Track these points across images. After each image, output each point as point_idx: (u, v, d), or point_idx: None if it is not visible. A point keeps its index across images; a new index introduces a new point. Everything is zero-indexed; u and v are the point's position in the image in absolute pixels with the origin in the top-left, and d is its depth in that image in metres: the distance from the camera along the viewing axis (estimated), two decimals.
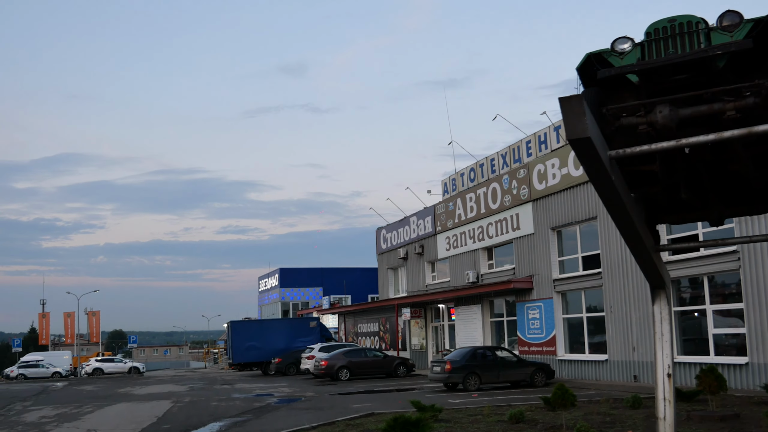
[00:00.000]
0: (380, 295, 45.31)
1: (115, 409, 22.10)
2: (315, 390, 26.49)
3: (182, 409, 20.87)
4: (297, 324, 43.42)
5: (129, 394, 29.01)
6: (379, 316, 43.09)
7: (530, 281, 28.51)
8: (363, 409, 18.17)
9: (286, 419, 16.99)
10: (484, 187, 32.44)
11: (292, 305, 67.99)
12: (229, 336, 42.06)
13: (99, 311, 70.62)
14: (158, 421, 17.88)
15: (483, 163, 33.27)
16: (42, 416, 20.40)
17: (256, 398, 23.84)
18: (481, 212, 32.69)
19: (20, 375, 53.84)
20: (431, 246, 37.84)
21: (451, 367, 23.26)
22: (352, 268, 68.56)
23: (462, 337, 33.61)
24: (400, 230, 42.05)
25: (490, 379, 23.74)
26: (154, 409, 20.96)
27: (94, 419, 19.05)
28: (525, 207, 29.24)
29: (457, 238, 34.97)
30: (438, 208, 37.09)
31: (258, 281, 77.91)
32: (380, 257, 45.48)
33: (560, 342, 26.90)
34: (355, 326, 47.42)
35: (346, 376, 31.38)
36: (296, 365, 38.42)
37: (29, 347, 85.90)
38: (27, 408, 23.85)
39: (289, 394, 25.03)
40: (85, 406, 23.46)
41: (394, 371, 32.32)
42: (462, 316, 33.85)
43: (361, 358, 32.56)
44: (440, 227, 36.73)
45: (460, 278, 34.52)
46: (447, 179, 36.69)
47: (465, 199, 34.18)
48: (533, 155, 29.29)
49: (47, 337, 73.91)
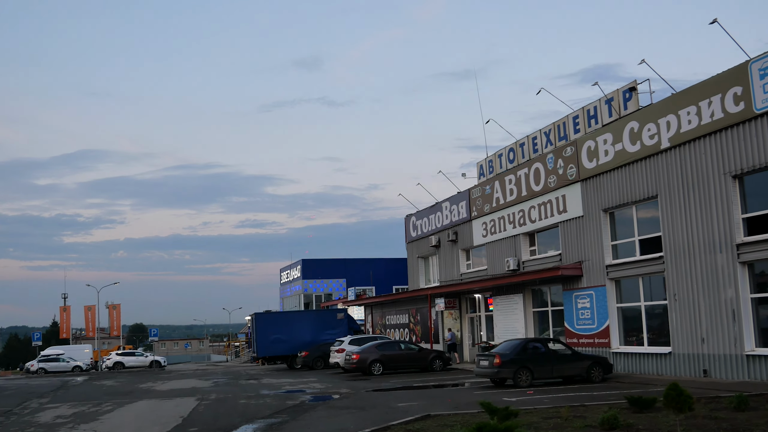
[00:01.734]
0: (410, 285, 43.33)
1: (136, 407, 20.34)
2: (349, 386, 24.62)
3: (209, 407, 19.05)
4: (324, 316, 41.53)
5: (151, 390, 27.31)
6: (409, 307, 41.14)
7: (579, 268, 26.38)
8: (411, 409, 16.23)
9: (327, 421, 15.09)
10: (526, 168, 30.32)
11: (315, 297, 66.20)
12: (254, 329, 40.28)
13: (119, 304, 69.36)
14: (183, 422, 16.05)
15: (524, 143, 31.12)
16: (57, 416, 18.67)
17: (287, 395, 21.99)
18: (522, 195, 30.57)
19: (41, 369, 52.59)
20: (466, 232, 35.78)
21: (500, 361, 21.25)
22: (376, 258, 66.66)
23: (501, 329, 31.58)
24: (432, 217, 40.00)
25: (543, 374, 21.71)
26: (178, 408, 19.16)
27: (113, 420, 17.27)
28: (573, 188, 27.09)
29: (495, 224, 32.88)
30: (473, 192, 35.00)
31: (279, 273, 76.22)
32: (410, 245, 43.47)
33: (614, 333, 24.78)
34: (383, 318, 45.51)
35: (379, 371, 29.51)
36: (324, 359, 36.67)
37: (51, 341, 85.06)
38: (43, 406, 22.18)
39: (322, 391, 23.17)
40: (105, 404, 21.74)
41: (429, 365, 30.39)
42: (501, 307, 31.80)
43: (394, 351, 30.64)
44: (476, 212, 34.64)
45: (498, 266, 32.46)
46: (483, 161, 34.56)
47: (504, 182, 32.07)
48: (581, 131, 27.12)
49: (68, 330, 72.82)
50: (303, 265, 66.46)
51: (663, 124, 22.43)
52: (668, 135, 22.19)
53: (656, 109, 22.89)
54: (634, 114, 23.95)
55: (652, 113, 23.00)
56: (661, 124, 22.52)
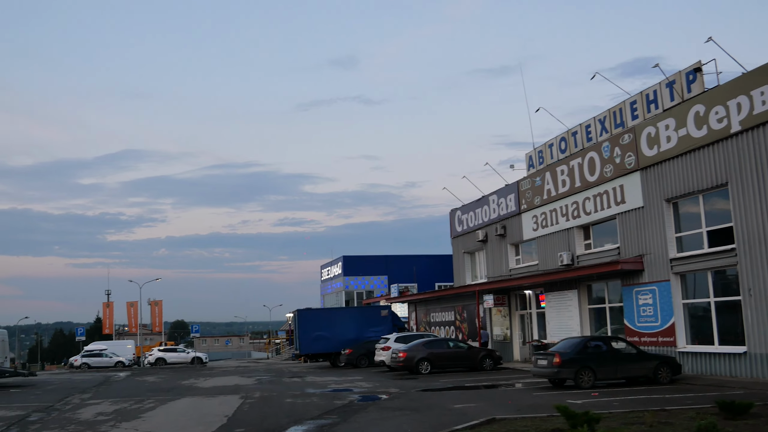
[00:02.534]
0: (455, 281, 42.09)
1: (179, 405, 19.56)
2: (397, 385, 23.57)
3: (254, 406, 18.16)
4: (368, 313, 40.51)
5: (193, 387, 26.62)
6: (455, 304, 39.93)
7: (641, 262, 24.91)
8: (469, 411, 15.11)
9: (381, 424, 14.05)
10: (579, 158, 28.89)
11: (356, 294, 65.29)
12: (296, 325, 39.46)
13: (161, 301, 69.44)
14: (229, 422, 15.16)
15: (576, 131, 29.70)
16: (99, 413, 17.97)
17: (334, 394, 21.02)
18: (575, 186, 29.16)
19: (84, 364, 52.65)
20: (515, 226, 34.44)
21: (560, 361, 19.96)
22: (418, 255, 65.48)
23: (554, 327, 30.20)
24: (478, 211, 38.72)
25: (606, 374, 20.37)
26: (222, 406, 18.31)
27: (156, 418, 16.47)
28: (631, 177, 25.63)
29: (547, 217, 31.50)
30: (522, 185, 33.65)
31: (320, 270, 75.51)
32: (455, 241, 42.23)
33: (680, 331, 23.28)
34: (427, 315, 44.38)
35: (426, 370, 28.41)
36: (368, 357, 35.68)
37: (94, 337, 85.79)
38: (85, 402, 21.58)
39: (369, 390, 22.15)
40: (147, 400, 21.04)
41: (479, 364, 29.18)
42: (554, 303, 30.41)
43: (442, 349, 29.50)
44: (525, 205, 33.29)
45: (550, 261, 31.09)
46: (533, 152, 33.18)
47: (555, 173, 30.67)
48: (640, 117, 25.64)
49: (111, 326, 73.09)
50: (344, 262, 65.60)
51: (733, 107, 20.88)
52: (739, 118, 20.65)
53: (725, 90, 21.34)
54: (700, 96, 22.42)
55: (720, 95, 21.46)
56: (730, 106, 20.98)
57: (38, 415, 18.00)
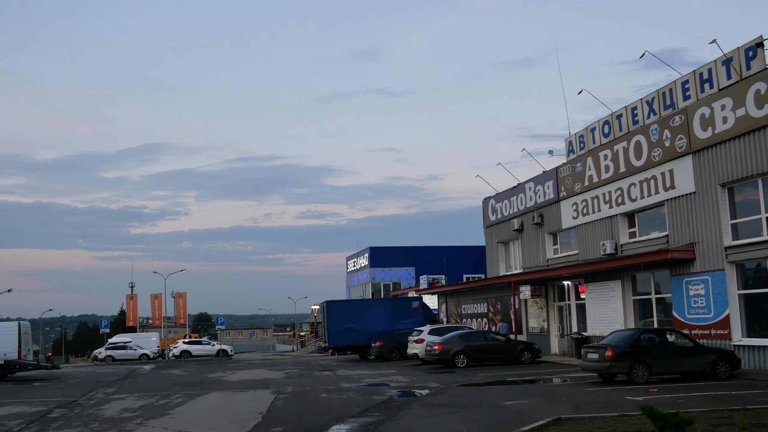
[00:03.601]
0: (488, 272, 40.78)
1: (209, 400, 18.54)
2: (435, 379, 22.42)
3: (288, 402, 17.08)
4: (398, 304, 39.34)
5: (221, 380, 25.66)
6: (488, 295, 38.66)
7: (692, 250, 23.47)
8: (524, 409, 13.91)
9: (431, 423, 12.88)
10: (624, 142, 27.44)
11: (383, 286, 64.19)
12: (325, 317, 38.41)
13: (185, 293, 68.69)
14: (264, 420, 14.08)
15: (621, 114, 28.24)
16: (124, 408, 16.99)
17: (371, 389, 19.91)
18: (619, 171, 27.73)
19: (108, 357, 52.00)
20: (553, 214, 33.06)
21: (613, 354, 18.66)
22: (446, 246, 64.25)
23: (595, 319, 28.85)
24: (513, 199, 37.35)
25: (661, 368, 19.04)
26: (254, 402, 17.26)
27: (185, 415, 15.43)
28: (682, 161, 24.16)
29: (588, 204, 30.09)
30: (561, 171, 32.23)
31: (346, 261, 74.52)
32: (488, 230, 40.91)
33: (735, 323, 21.84)
34: (458, 307, 43.16)
35: (462, 363, 27.24)
36: (400, 350, 34.59)
37: (118, 329, 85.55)
38: (109, 396, 20.66)
39: (407, 385, 20.99)
40: (174, 395, 20.07)
41: (517, 357, 27.98)
42: (595, 295, 29.04)
43: (479, 342, 28.29)
44: (565, 192, 31.88)
45: (592, 250, 29.70)
46: (573, 137, 31.75)
47: (598, 158, 29.24)
48: (692, 98, 24.16)
49: (135, 318, 72.62)
50: (371, 253, 64.50)
51: None
52: None
53: None
54: (761, 74, 20.90)
55: None
56: None
57: (60, 411, 17.06)
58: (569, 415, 11.86)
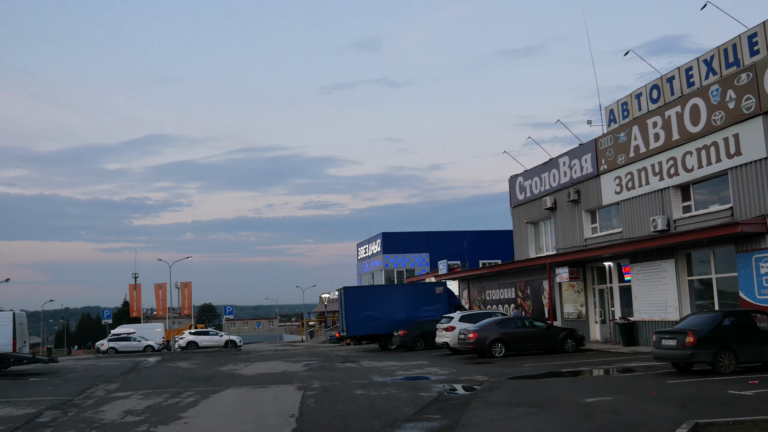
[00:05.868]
0: (516, 254, 38.12)
1: (226, 398, 15.95)
2: (478, 371, 19.84)
3: (321, 401, 14.46)
4: (420, 290, 36.65)
5: (235, 374, 23.09)
6: (516, 279, 36.04)
7: (764, 223, 20.80)
8: (618, 409, 11.32)
9: (513, 428, 10.27)
10: (677, 106, 24.73)
11: (396, 273, 61.55)
12: (342, 305, 35.77)
13: (191, 282, 66.10)
14: (299, 425, 11.45)
15: (673, 76, 25.52)
16: (127, 411, 14.39)
17: (411, 384, 17.31)
18: (672, 139, 25.03)
19: (111, 349, 49.48)
20: (592, 190, 30.37)
21: (695, 340, 16.03)
22: (461, 231, 61.59)
23: (643, 302, 26.24)
24: (544, 176, 34.65)
25: (750, 357, 16.43)
26: (281, 402, 14.64)
27: (202, 420, 12.80)
28: (750, 123, 21.46)
29: (633, 177, 27.40)
30: (602, 143, 29.51)
31: (356, 248, 71.80)
32: (515, 210, 38.22)
33: None
34: (482, 293, 40.56)
35: (500, 353, 24.69)
36: (424, 338, 32.06)
37: (122, 320, 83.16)
38: (110, 394, 18.09)
39: (449, 378, 18.39)
40: (185, 392, 17.49)
41: (559, 345, 25.44)
42: (642, 276, 26.40)
43: (518, 329, 25.71)
44: (606, 165, 29.17)
45: (638, 227, 27.05)
46: (614, 105, 29.01)
47: (645, 126, 26.53)
48: (761, 52, 21.46)
49: (139, 309, 70.05)
50: (383, 239, 61.81)
51: None
52: None
53: None
54: None
55: None
56: None
57: (51, 413, 14.42)
58: (707, 419, 9.23)
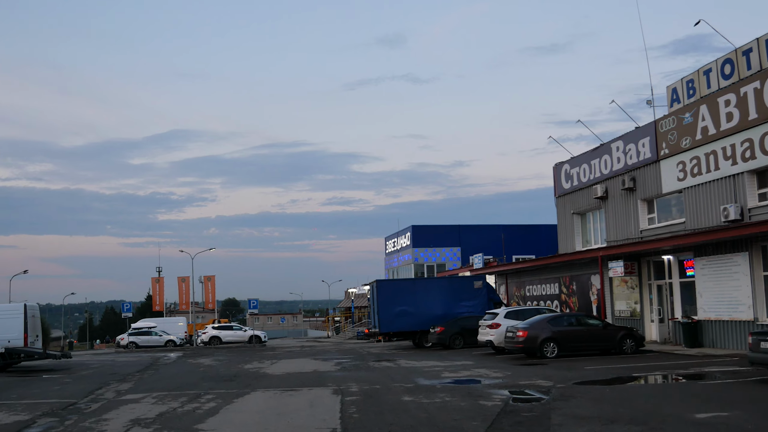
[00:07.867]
0: (561, 247, 35.63)
1: (252, 404, 13.75)
2: (534, 374, 17.46)
3: (365, 410, 12.16)
4: (458, 284, 34.24)
5: (261, 373, 20.92)
6: (561, 274, 33.55)
7: None
8: (744, 428, 8.90)
9: None
10: (756, 82, 22.12)
11: (426, 267, 59.27)
12: (374, 299, 33.52)
13: (214, 276, 64.37)
14: None
15: (750, 48, 22.88)
16: (134, 420, 12.19)
17: (464, 389, 14.98)
18: (748, 119, 22.43)
19: (131, 343, 47.80)
20: (650, 177, 27.79)
21: None
22: (494, 225, 59.18)
23: (709, 299, 23.67)
24: (594, 162, 32.09)
25: None
26: (317, 410, 12.38)
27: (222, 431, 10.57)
28: None
29: (700, 162, 24.80)
30: (663, 125, 26.92)
31: (384, 242, 69.64)
32: (560, 200, 35.70)
33: None
34: (521, 288, 38.11)
35: (552, 353, 22.30)
36: (464, 336, 29.80)
37: (144, 314, 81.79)
38: (120, 397, 15.98)
39: (506, 383, 16.01)
40: (205, 395, 15.33)
41: (617, 346, 23.00)
42: (709, 271, 23.82)
43: (571, 327, 23.27)
44: (667, 150, 26.59)
45: (704, 217, 24.48)
46: (678, 83, 26.38)
47: (716, 105, 23.93)
48: None
49: (161, 302, 68.47)
50: (413, 233, 59.55)
51: None
52: None
53: None
54: None
55: None
56: None
57: (46, 422, 12.19)
58: None
